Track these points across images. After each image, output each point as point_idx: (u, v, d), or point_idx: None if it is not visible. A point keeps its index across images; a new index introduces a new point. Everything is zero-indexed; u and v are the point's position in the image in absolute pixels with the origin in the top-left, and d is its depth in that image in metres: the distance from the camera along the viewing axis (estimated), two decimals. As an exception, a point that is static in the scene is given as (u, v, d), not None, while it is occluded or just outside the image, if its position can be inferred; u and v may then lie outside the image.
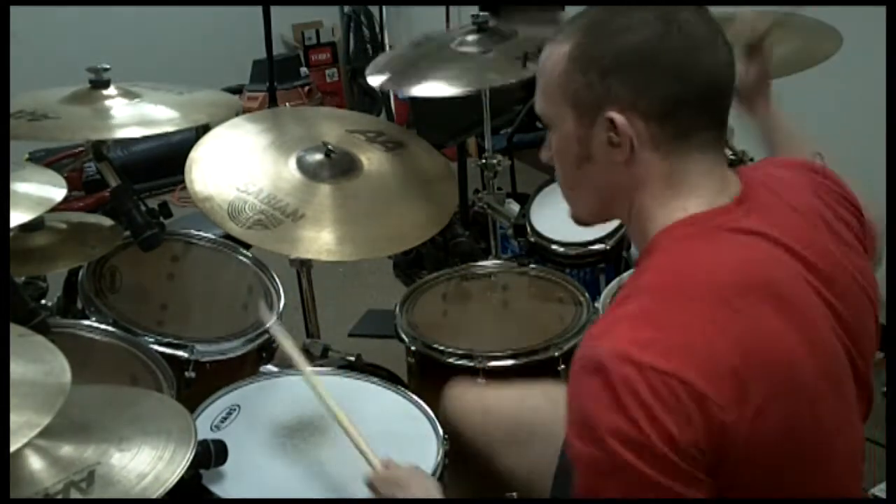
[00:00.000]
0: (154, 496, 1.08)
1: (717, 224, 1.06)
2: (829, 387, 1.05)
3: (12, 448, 0.92)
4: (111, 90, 1.82)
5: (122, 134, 1.75)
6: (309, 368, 1.49)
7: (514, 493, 1.54)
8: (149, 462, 1.12)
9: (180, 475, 1.11)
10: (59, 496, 1.05)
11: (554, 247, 2.11)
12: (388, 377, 1.75)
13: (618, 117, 1.05)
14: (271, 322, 1.73)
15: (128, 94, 1.83)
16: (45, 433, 0.98)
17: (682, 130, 1.07)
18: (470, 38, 2.08)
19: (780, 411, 0.98)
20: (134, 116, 1.78)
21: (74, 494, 1.06)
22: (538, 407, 1.53)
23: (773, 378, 0.98)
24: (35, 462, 1.08)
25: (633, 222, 1.11)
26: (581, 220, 1.22)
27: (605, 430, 0.94)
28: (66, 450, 1.10)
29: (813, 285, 1.07)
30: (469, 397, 1.63)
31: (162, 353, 1.69)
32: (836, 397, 1.07)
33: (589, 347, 0.99)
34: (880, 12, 2.29)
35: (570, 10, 3.65)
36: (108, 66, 1.84)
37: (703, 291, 1.01)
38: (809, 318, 1.05)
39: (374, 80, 2.04)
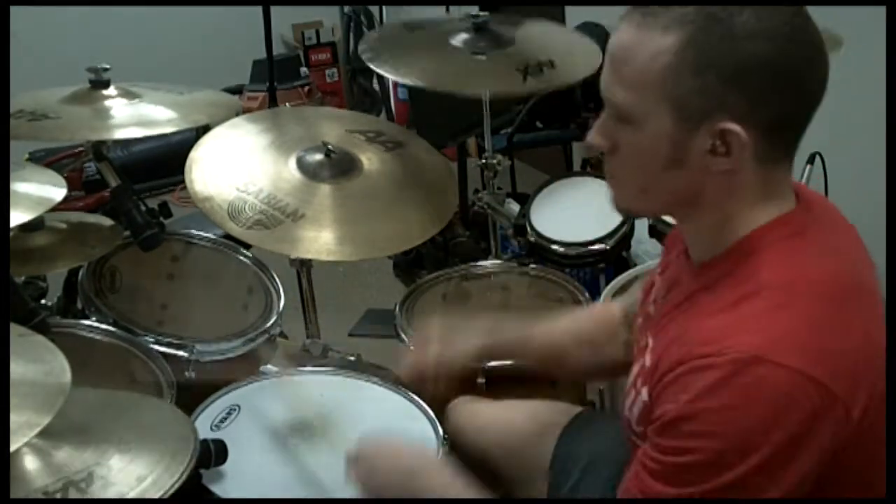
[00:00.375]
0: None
1: (805, 227, 1.06)
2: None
3: (12, 448, 0.92)
4: (111, 90, 1.82)
5: (122, 134, 1.75)
6: None
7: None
8: (146, 467, 1.12)
9: (179, 483, 1.11)
10: (58, 495, 1.05)
11: (554, 247, 2.11)
12: (388, 377, 1.74)
13: (737, 129, 0.98)
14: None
15: (128, 95, 1.83)
16: (44, 435, 0.98)
17: (785, 143, 1.04)
18: (467, 35, 2.08)
19: (879, 413, 0.99)
20: (134, 116, 1.78)
21: (73, 494, 1.06)
22: (525, 430, 1.53)
23: (879, 378, 1.00)
24: (31, 462, 1.08)
25: (716, 227, 1.07)
26: (632, 215, 1.19)
27: (728, 433, 0.93)
28: (63, 454, 1.10)
29: (877, 289, 1.09)
30: (464, 415, 1.61)
31: (162, 353, 1.69)
32: None
33: (711, 343, 0.96)
34: (880, 13, 2.29)
35: (571, 10, 3.66)
36: (108, 66, 1.84)
37: (828, 290, 1.00)
38: (883, 324, 1.07)
39: (367, 57, 2.04)
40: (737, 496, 0.95)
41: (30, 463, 1.08)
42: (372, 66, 2.01)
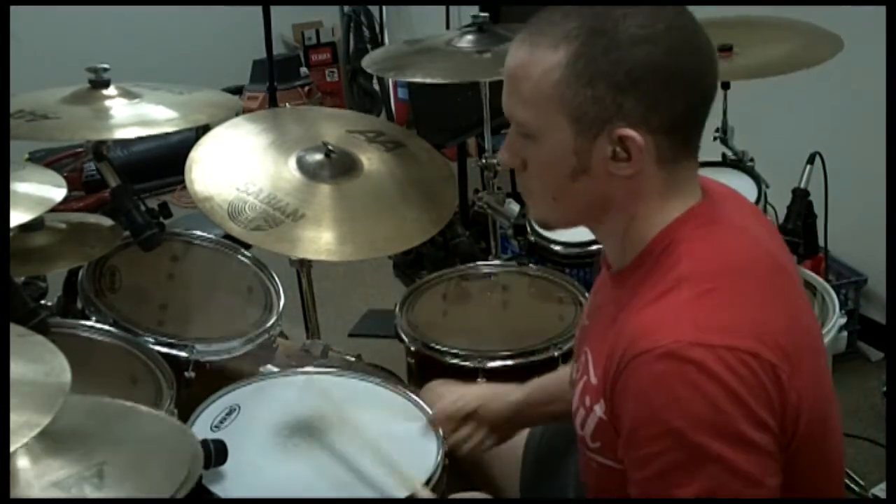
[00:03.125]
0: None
1: (714, 216, 1.09)
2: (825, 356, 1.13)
3: (12, 448, 0.92)
4: (111, 90, 1.82)
5: (121, 134, 1.75)
6: None
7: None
8: (143, 480, 1.11)
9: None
10: (73, 490, 1.05)
11: (554, 247, 2.11)
12: (388, 377, 1.75)
13: (632, 135, 1.02)
14: None
15: (128, 94, 1.83)
16: (41, 438, 0.98)
17: (684, 141, 1.07)
18: (468, 38, 2.09)
19: (814, 382, 1.03)
20: (134, 116, 1.78)
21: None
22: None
23: (807, 346, 1.04)
24: (22, 462, 1.07)
25: (628, 230, 1.10)
26: (550, 227, 1.22)
27: (687, 424, 0.94)
28: (66, 453, 1.10)
29: (792, 268, 1.15)
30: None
31: (162, 354, 1.68)
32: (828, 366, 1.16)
33: (644, 338, 0.97)
34: (880, 13, 2.29)
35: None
36: (107, 66, 1.84)
37: (748, 271, 1.04)
38: (805, 302, 1.14)
39: (371, 67, 2.05)
40: (728, 482, 0.95)
41: (23, 463, 1.07)
42: (378, 75, 2.02)
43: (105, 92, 1.81)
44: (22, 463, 1.07)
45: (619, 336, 1.02)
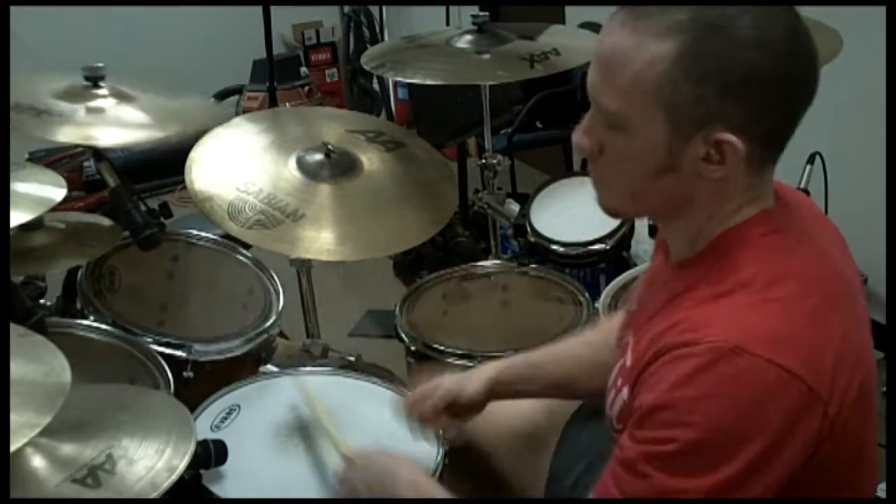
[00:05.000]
0: (164, 485, 1.10)
1: (785, 224, 1.06)
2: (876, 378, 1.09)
3: (12, 448, 0.92)
4: (104, 90, 1.82)
5: (113, 139, 1.75)
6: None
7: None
8: (153, 455, 1.14)
9: (189, 460, 1.14)
10: (89, 480, 1.07)
11: (554, 247, 2.11)
12: (388, 377, 1.74)
13: (732, 139, 0.97)
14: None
15: (120, 96, 1.83)
16: (45, 434, 0.99)
17: (776, 148, 1.04)
18: (467, 37, 2.09)
19: (854, 411, 0.99)
20: (125, 121, 1.77)
21: (81, 490, 1.07)
22: (533, 417, 1.51)
23: (856, 372, 1.00)
24: (37, 461, 1.09)
25: (701, 228, 1.06)
26: (618, 217, 1.17)
27: (707, 423, 0.92)
28: (69, 448, 1.11)
29: (856, 285, 1.11)
30: None
31: (161, 353, 1.68)
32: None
33: (690, 332, 0.95)
34: (880, 13, 2.29)
35: (571, 10, 3.67)
36: (101, 65, 1.83)
37: (810, 285, 1.01)
38: (865, 312, 1.09)
39: (369, 64, 2.06)
40: (719, 495, 0.94)
41: (38, 462, 1.09)
42: (378, 73, 2.02)
43: (98, 92, 1.81)
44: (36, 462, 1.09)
45: (667, 324, 1.00)
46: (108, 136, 1.75)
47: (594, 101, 1.03)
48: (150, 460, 1.13)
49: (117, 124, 1.77)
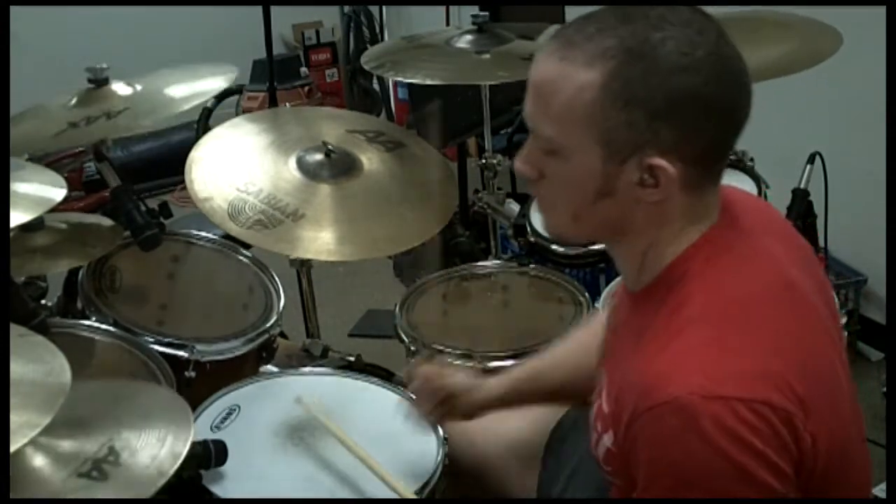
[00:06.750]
0: (170, 471, 1.10)
1: (728, 242, 1.06)
2: (848, 384, 1.09)
3: (12, 448, 0.92)
4: (111, 88, 1.83)
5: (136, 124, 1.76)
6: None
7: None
8: (154, 443, 1.14)
9: (189, 447, 1.14)
10: (94, 474, 1.08)
11: (554, 247, 2.11)
12: (388, 377, 1.75)
13: (663, 164, 0.98)
14: None
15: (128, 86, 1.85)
16: (44, 432, 0.99)
17: (712, 169, 1.05)
18: (467, 37, 2.10)
19: (830, 418, 1.00)
20: (142, 105, 1.79)
21: (89, 484, 1.07)
22: (519, 431, 1.53)
23: (822, 381, 1.01)
24: (38, 460, 1.09)
25: (646, 253, 1.07)
26: (565, 241, 1.20)
27: (705, 477, 0.93)
28: (69, 444, 1.12)
29: (812, 292, 1.09)
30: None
31: (162, 353, 1.68)
32: (851, 392, 1.11)
33: (656, 390, 0.95)
34: (880, 12, 2.29)
35: (571, 10, 3.67)
36: (106, 66, 1.84)
37: (761, 302, 1.01)
38: (823, 317, 1.09)
39: (369, 64, 2.06)
40: None
41: (39, 461, 1.09)
42: (378, 73, 2.03)
43: (105, 90, 1.82)
44: (38, 461, 1.09)
45: (631, 381, 1.00)
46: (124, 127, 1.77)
47: (531, 129, 1.06)
48: (153, 448, 1.13)
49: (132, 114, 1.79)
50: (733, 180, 1.88)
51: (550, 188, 1.08)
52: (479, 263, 2.12)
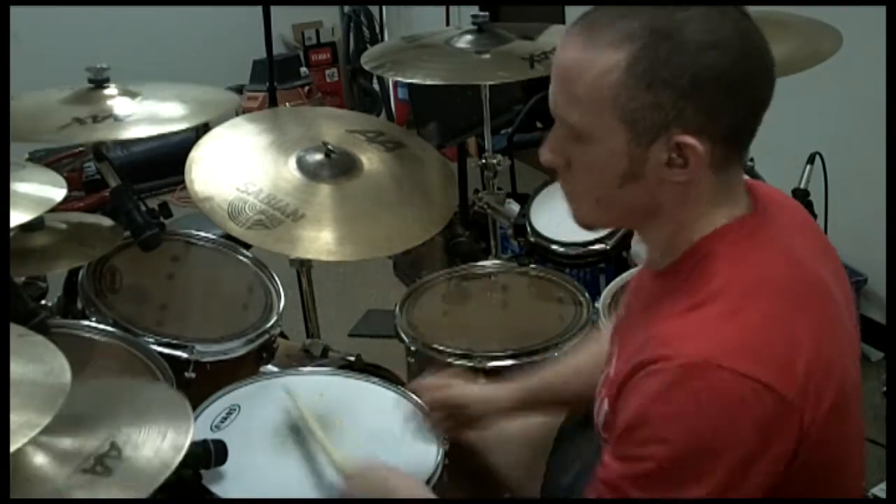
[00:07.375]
0: (174, 462, 1.10)
1: (758, 230, 1.06)
2: (859, 382, 1.09)
3: (12, 448, 0.92)
4: (111, 90, 1.82)
5: (128, 134, 1.75)
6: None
7: (507, 495, 1.54)
8: (156, 437, 1.15)
9: (191, 439, 1.15)
10: (98, 469, 1.08)
11: (554, 247, 2.11)
12: (388, 377, 1.75)
13: (692, 142, 0.98)
14: None
15: (128, 94, 1.84)
16: (43, 430, 0.99)
17: (738, 149, 1.05)
18: (467, 37, 2.10)
19: (833, 412, 0.99)
20: (137, 115, 1.78)
21: (93, 479, 1.07)
22: (522, 434, 1.52)
23: (833, 376, 1.00)
24: (39, 459, 1.09)
25: (673, 235, 1.07)
26: (591, 228, 1.18)
27: (682, 439, 0.93)
28: (68, 443, 1.12)
29: (835, 291, 1.09)
30: None
31: (162, 354, 1.68)
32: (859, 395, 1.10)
33: (667, 348, 0.96)
34: (880, 12, 2.30)
35: (571, 10, 3.67)
36: (106, 66, 1.84)
37: (783, 291, 1.01)
38: (844, 317, 1.09)
39: (369, 64, 2.06)
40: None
41: (40, 459, 1.09)
42: (378, 73, 2.02)
43: (105, 92, 1.82)
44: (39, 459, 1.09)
45: (644, 338, 1.01)
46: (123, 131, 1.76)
47: (556, 116, 1.05)
48: (155, 442, 1.13)
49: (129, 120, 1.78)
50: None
51: (577, 176, 1.07)
52: (479, 263, 2.13)
